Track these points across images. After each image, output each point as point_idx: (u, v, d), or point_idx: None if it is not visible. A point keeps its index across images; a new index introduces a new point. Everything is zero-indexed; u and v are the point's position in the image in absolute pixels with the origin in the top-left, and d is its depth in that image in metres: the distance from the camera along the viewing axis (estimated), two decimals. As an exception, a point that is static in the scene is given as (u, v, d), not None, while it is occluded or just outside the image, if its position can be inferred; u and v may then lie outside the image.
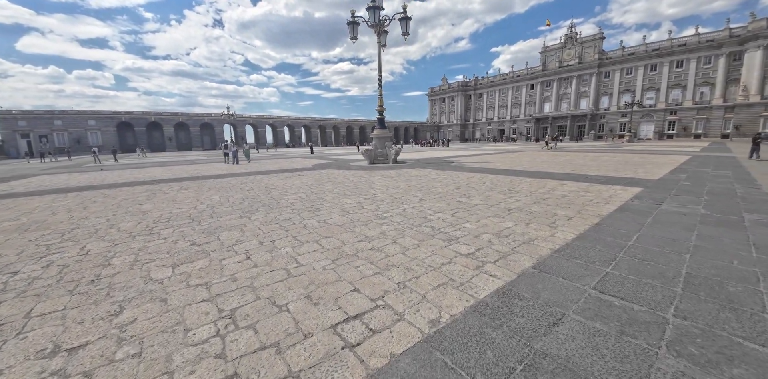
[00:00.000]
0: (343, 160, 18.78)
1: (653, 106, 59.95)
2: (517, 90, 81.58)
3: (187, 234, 4.33)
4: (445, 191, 7.15)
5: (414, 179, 9.33)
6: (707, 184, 7.64)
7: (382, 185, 8.22)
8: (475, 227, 4.31)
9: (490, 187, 7.57)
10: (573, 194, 6.73)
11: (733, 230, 4.12)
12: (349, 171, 12.20)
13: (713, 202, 5.72)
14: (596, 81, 67.08)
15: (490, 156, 20.63)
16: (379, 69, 14.84)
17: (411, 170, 12.04)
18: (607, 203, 5.73)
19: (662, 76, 58.82)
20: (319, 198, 6.58)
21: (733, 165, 12.25)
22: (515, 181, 8.68)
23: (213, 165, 18.09)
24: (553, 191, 7.12)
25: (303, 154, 31.78)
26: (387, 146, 15.45)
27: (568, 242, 3.70)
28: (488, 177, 9.53)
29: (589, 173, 10.31)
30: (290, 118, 79.16)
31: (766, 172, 10.05)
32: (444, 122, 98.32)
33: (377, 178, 9.86)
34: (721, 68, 52.09)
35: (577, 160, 15.62)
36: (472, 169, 12.18)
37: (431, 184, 8.19)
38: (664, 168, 11.62)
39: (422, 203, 5.87)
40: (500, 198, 6.29)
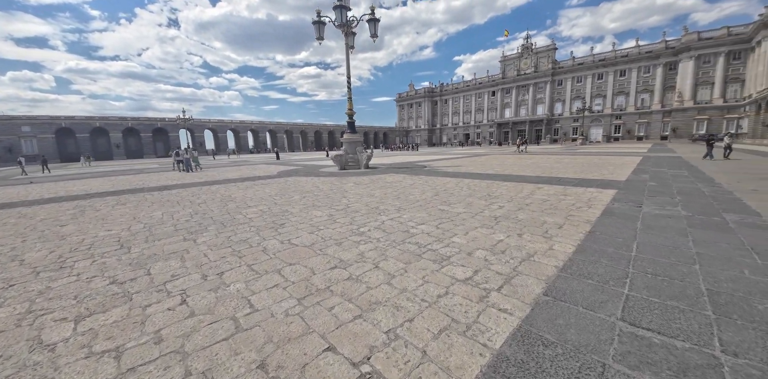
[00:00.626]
0: (311, 166, 17.81)
1: (601, 112, 64.75)
2: (479, 97, 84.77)
3: (109, 267, 3.39)
4: (424, 199, 6.64)
5: (389, 186, 8.75)
6: (673, 185, 7.82)
7: (355, 194, 7.54)
8: (465, 241, 3.78)
9: (469, 193, 7.18)
10: (553, 197, 6.50)
11: (724, 233, 3.95)
12: (318, 178, 11.36)
13: (688, 202, 5.71)
14: (551, 89, 71.38)
15: (460, 160, 20.68)
16: (347, 71, 14.23)
17: (385, 176, 11.47)
18: (590, 208, 5.51)
19: (608, 84, 63.83)
20: (283, 211, 5.75)
21: (685, 165, 13.04)
22: (492, 185, 8.41)
23: (163, 174, 16.33)
24: (532, 195, 6.87)
25: (268, 160, 30.17)
26: (358, 151, 14.80)
27: (571, 257, 3.27)
28: (464, 182, 9.20)
29: (560, 176, 10.36)
30: (254, 122, 75.77)
31: (718, 170, 10.71)
32: (412, 127, 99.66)
33: (350, 185, 9.17)
34: (658, 77, 57.56)
35: (543, 163, 15.96)
36: (446, 173, 11.87)
37: (408, 191, 7.65)
38: (625, 169, 12.05)
39: (402, 214, 5.28)
40: (483, 205, 5.88)
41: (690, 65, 52.39)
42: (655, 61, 57.69)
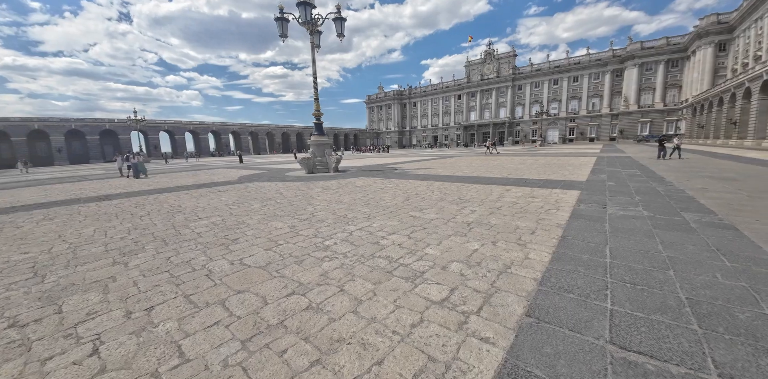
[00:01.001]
0: (277, 170, 16.94)
1: (557, 115, 68.78)
2: (446, 100, 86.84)
3: (13, 303, 2.71)
4: (395, 204, 6.33)
5: (359, 191, 8.36)
6: (630, 184, 8.15)
7: (322, 200, 7.06)
8: (438, 252, 3.50)
9: (440, 197, 6.98)
10: (522, 200, 6.47)
11: (688, 234, 4.00)
12: (283, 183, 10.70)
13: (648, 202, 5.88)
14: (512, 93, 74.72)
15: (430, 162, 20.75)
16: (313, 71, 13.66)
17: (355, 180, 11.06)
18: (558, 210, 5.49)
19: (563, 89, 67.96)
20: (239, 223, 5.17)
21: (636, 164, 13.89)
22: (462, 188, 8.30)
23: (108, 182, 14.71)
24: (501, 197, 6.80)
25: (230, 163, 28.51)
26: (327, 154, 14.25)
27: (548, 267, 3.09)
28: (435, 185, 9.04)
29: (525, 177, 10.54)
30: (215, 123, 71.63)
31: (666, 169, 11.46)
32: (383, 129, 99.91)
33: (317, 190, 8.65)
34: (607, 83, 62.17)
35: (508, 164, 16.36)
36: (417, 176, 11.70)
37: (379, 196, 7.31)
38: (583, 169, 12.59)
39: (372, 222, 4.92)
40: (454, 210, 5.67)
41: (634, 72, 57.16)
42: (603, 69, 62.33)
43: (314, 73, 13.57)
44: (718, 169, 11.35)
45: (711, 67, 45.29)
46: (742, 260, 3.18)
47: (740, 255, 3.29)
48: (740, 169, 11.17)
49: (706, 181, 8.38)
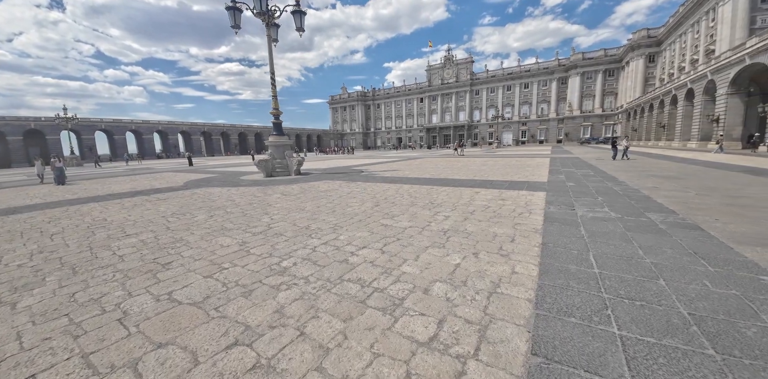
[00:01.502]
0: (231, 174, 15.57)
1: (510, 119, 72.62)
2: (409, 102, 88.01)
3: None
4: (364, 211, 5.79)
5: (323, 196, 7.69)
6: (588, 184, 8.37)
7: (281, 208, 6.31)
8: (417, 270, 3.03)
9: (411, 202, 6.57)
10: (493, 203, 6.26)
11: (661, 236, 3.95)
12: (236, 189, 9.66)
13: (611, 203, 5.95)
14: (470, 97, 77.62)
15: (396, 163, 20.47)
16: (271, 67, 12.68)
17: (318, 184, 10.32)
18: (531, 213, 5.32)
19: (515, 95, 71.89)
20: (176, 241, 4.30)
21: (586, 165, 14.67)
22: (432, 191, 7.99)
23: (25, 190, 12.45)
24: (473, 201, 6.56)
25: (178, 167, 26.02)
26: (287, 155, 13.29)
27: (538, 282, 2.76)
28: (404, 188, 8.65)
29: (490, 178, 10.55)
30: (162, 122, 65.35)
31: (615, 169, 12.13)
32: (347, 130, 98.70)
33: (275, 197, 7.83)
34: (553, 90, 66.79)
35: (471, 166, 16.56)
36: (384, 179, 11.25)
37: (345, 202, 6.72)
38: (541, 170, 12.99)
39: (338, 234, 4.33)
40: (427, 216, 5.28)
41: (577, 80, 62.05)
42: (550, 76, 66.94)
43: (271, 68, 12.60)
44: (660, 168, 12.27)
45: (642, 76, 50.48)
46: (722, 263, 3.10)
47: (718, 258, 3.22)
48: (678, 168, 12.18)
49: (655, 181, 8.89)
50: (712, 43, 35.90)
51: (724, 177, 9.39)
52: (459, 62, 77.93)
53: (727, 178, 9.05)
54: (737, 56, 24.73)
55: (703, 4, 37.37)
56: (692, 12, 39.73)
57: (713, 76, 28.29)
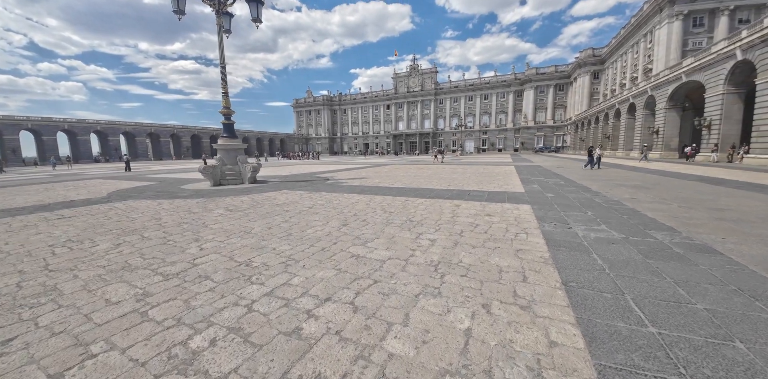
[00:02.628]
0: (173, 182, 13.44)
1: (472, 128, 75.11)
2: (376, 109, 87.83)
3: None
4: (329, 233, 4.59)
5: (278, 212, 6.34)
6: (567, 196, 7.88)
7: (219, 231, 4.89)
8: (411, 348, 1.93)
9: (386, 219, 5.49)
10: (480, 220, 5.39)
11: (686, 265, 3.25)
12: (171, 202, 7.92)
13: (604, 218, 5.33)
14: (434, 106, 79.22)
15: (364, 170, 19.36)
16: (221, 60, 11.03)
17: (275, 195, 8.88)
18: (528, 234, 4.49)
19: (476, 105, 74.58)
20: (44, 291, 2.79)
21: (551, 173, 14.64)
22: (408, 204, 6.98)
23: None
24: (456, 216, 5.65)
25: (113, 172, 22.69)
26: (240, 161, 11.60)
27: (595, 364, 1.79)
28: (376, 200, 7.55)
29: (466, 188, 9.84)
30: (101, 122, 58.12)
31: (582, 178, 11.95)
32: (313, 135, 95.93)
33: (216, 213, 6.31)
34: (510, 101, 70.15)
35: (442, 173, 15.96)
36: (353, 188, 10.07)
37: (306, 221, 5.46)
38: (513, 179, 12.63)
39: (291, 274, 3.11)
40: (409, 240, 4.22)
41: (531, 93, 65.73)
42: (507, 89, 70.37)
43: (222, 62, 10.97)
44: (622, 178, 12.41)
45: (588, 91, 54.57)
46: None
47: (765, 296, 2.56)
48: (638, 177, 12.39)
49: (626, 190, 8.67)
50: (649, 63, 39.56)
51: (686, 186, 9.48)
52: (424, 72, 79.41)
53: (690, 188, 9.11)
54: (675, 74, 27.12)
55: (642, 27, 41.24)
56: (632, 34, 43.71)
57: (653, 92, 30.89)
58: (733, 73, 21.91)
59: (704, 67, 24.04)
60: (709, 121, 23.98)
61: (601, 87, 54.02)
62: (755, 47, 18.80)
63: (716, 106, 23.29)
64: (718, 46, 23.03)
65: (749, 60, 19.98)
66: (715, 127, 23.64)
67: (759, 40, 18.23)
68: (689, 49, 36.16)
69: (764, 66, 18.31)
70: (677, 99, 29.29)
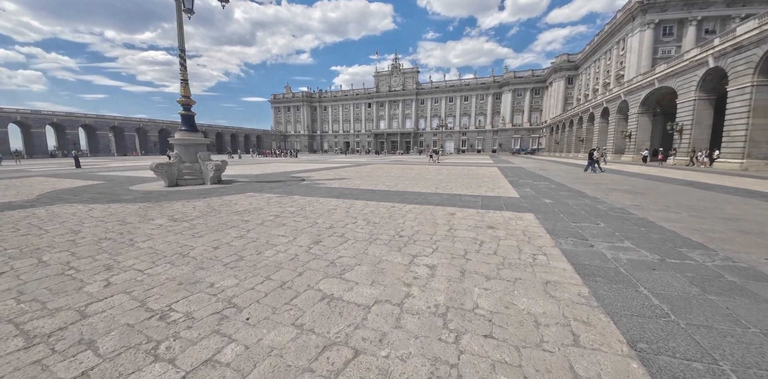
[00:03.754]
0: (123, 181, 11.69)
1: (452, 129, 75.35)
2: (357, 107, 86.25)
3: None
4: (294, 257, 3.47)
5: (234, 223, 5.11)
6: (566, 202, 7.16)
7: (146, 253, 3.63)
8: None
9: (369, 233, 4.42)
10: (482, 234, 4.46)
11: (754, 302, 2.46)
12: (108, 207, 6.45)
13: (621, 231, 4.54)
14: (416, 106, 78.80)
15: (344, 170, 18.17)
16: (180, 42, 9.51)
17: (238, 198, 7.58)
18: (548, 256, 3.60)
19: (456, 106, 74.84)
20: None
21: (537, 176, 14.11)
22: (395, 211, 5.96)
23: None
24: (454, 229, 4.69)
25: (62, 169, 20.15)
26: (201, 158, 10.12)
27: None
28: (357, 206, 6.46)
29: (455, 191, 8.97)
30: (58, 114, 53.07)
31: (568, 181, 11.34)
32: (291, 132, 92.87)
33: (156, 224, 4.99)
34: (489, 104, 70.90)
35: (427, 174, 15.10)
36: (331, 191, 8.91)
37: (267, 237, 4.29)
38: (501, 181, 11.94)
39: (225, 339, 1.99)
40: (401, 267, 3.19)
41: (509, 96, 66.70)
42: (486, 91, 71.08)
43: (181, 44, 9.45)
44: (610, 181, 12.01)
45: (563, 95, 55.92)
46: None
47: None
48: (626, 181, 12.03)
49: (624, 196, 8.09)
50: (621, 69, 40.78)
51: (679, 192, 9.08)
52: (405, 71, 78.77)
53: (685, 194, 8.70)
54: (648, 80, 27.79)
55: (615, 34, 42.45)
56: (605, 41, 44.98)
57: (626, 97, 31.65)
58: (705, 80, 22.54)
59: (677, 73, 24.67)
60: (681, 126, 24.69)
61: (575, 91, 55.53)
62: (727, 55, 19.31)
63: (688, 112, 23.97)
64: (691, 54, 23.66)
65: (721, 67, 20.53)
66: (687, 132, 24.35)
67: (731, 48, 18.71)
68: (659, 56, 37.54)
69: (735, 73, 18.83)
70: (649, 104, 30.15)
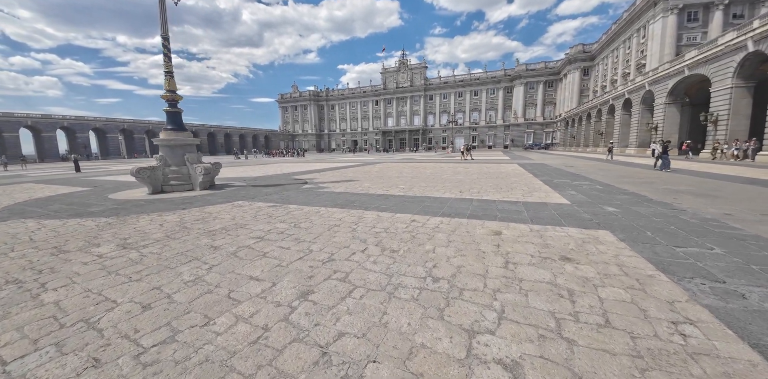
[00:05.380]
0: (109, 187, 10.39)
1: (462, 125, 73.00)
2: (365, 105, 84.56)
3: None
4: (261, 338, 1.96)
5: (199, 250, 3.64)
6: (635, 210, 5.47)
7: (44, 313, 2.21)
8: None
9: (386, 273, 2.87)
10: (563, 275, 2.87)
11: None
12: (63, 223, 5.06)
13: (762, 264, 2.89)
14: (424, 102, 76.62)
15: (351, 170, 16.66)
16: (163, 29, 8.10)
17: (221, 210, 6.14)
18: (694, 325, 2.02)
19: (466, 101, 72.40)
20: None
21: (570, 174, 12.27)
22: (417, 229, 4.40)
23: None
24: (513, 265, 3.10)
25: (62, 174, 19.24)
26: (189, 160, 8.74)
27: None
28: (367, 220, 4.93)
29: (486, 196, 7.34)
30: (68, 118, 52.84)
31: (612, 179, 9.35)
32: (299, 131, 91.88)
33: (95, 254, 3.53)
34: (500, 98, 68.25)
35: (444, 174, 13.46)
36: (335, 197, 7.40)
37: (231, 280, 2.80)
38: (531, 181, 10.24)
39: None
40: (452, 372, 1.63)
41: (521, 90, 63.95)
42: (497, 85, 68.39)
43: (164, 31, 8.04)
44: (660, 180, 10.14)
45: (578, 88, 53.06)
46: None
47: None
48: (675, 179, 10.14)
49: (699, 201, 6.32)
50: (642, 58, 38.01)
51: (750, 192, 7.18)
52: (413, 67, 76.58)
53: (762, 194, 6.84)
54: (676, 68, 25.36)
55: (635, 22, 39.60)
56: (624, 29, 42.09)
57: (651, 86, 29.17)
58: (743, 66, 20.21)
59: (710, 59, 22.29)
60: (716, 117, 22.32)
61: (591, 83, 52.60)
62: (773, 36, 16.99)
63: (724, 101, 21.60)
64: (726, 38, 21.28)
65: (761, 51, 18.28)
66: (722, 123, 21.99)
67: (781, 28, 16.39)
68: (684, 44, 34.73)
69: (787, 55, 16.51)
70: (677, 94, 27.68)
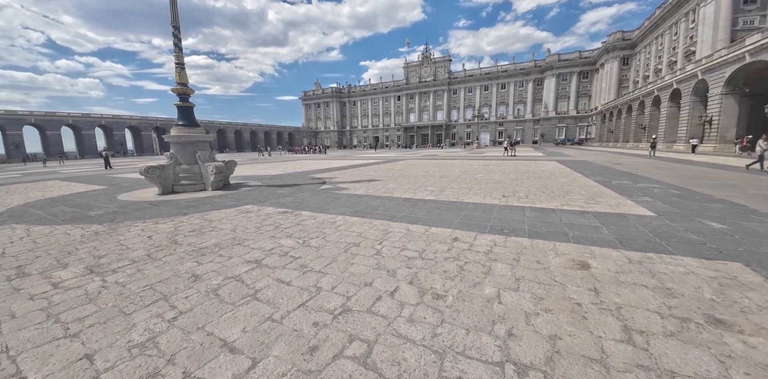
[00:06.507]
0: (124, 186, 9.99)
1: (488, 119, 69.84)
2: (386, 100, 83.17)
3: None
4: None
5: (176, 281, 2.74)
6: (753, 229, 4.01)
7: None
8: None
9: (430, 348, 1.79)
10: (733, 365, 1.62)
11: None
12: (52, 231, 4.39)
13: None
14: (448, 97, 74.03)
15: (374, 168, 15.63)
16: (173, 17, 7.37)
17: (223, 217, 5.29)
18: None
19: (492, 95, 69.10)
20: None
21: (624, 173, 10.48)
22: (462, 251, 3.25)
23: None
24: (634, 333, 1.90)
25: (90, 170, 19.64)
26: (200, 158, 8.04)
27: None
28: (393, 236, 3.85)
29: (538, 203, 6.02)
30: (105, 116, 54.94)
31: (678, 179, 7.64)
32: (321, 128, 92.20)
33: (52, 282, 2.74)
34: (529, 91, 64.48)
35: (476, 173, 12.08)
36: (355, 202, 6.37)
37: (196, 350, 1.84)
38: (587, 183, 8.70)
39: None
40: None
41: (552, 82, 59.95)
42: (526, 77, 64.58)
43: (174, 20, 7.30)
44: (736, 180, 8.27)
45: (617, 78, 48.77)
46: None
47: None
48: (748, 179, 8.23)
49: None
50: (691, 45, 33.94)
51: None
52: (437, 60, 74.05)
53: None
54: (735, 54, 22.06)
55: (683, 5, 35.38)
56: (671, 14, 37.81)
57: (704, 75, 25.77)
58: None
59: (783, 42, 19.05)
60: (793, 107, 19.12)
61: (631, 73, 48.10)
62: None
63: (804, 88, 18.37)
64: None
65: None
66: (801, 114, 18.79)
67: None
68: (740, 28, 30.45)
69: None
70: (736, 83, 24.19)
